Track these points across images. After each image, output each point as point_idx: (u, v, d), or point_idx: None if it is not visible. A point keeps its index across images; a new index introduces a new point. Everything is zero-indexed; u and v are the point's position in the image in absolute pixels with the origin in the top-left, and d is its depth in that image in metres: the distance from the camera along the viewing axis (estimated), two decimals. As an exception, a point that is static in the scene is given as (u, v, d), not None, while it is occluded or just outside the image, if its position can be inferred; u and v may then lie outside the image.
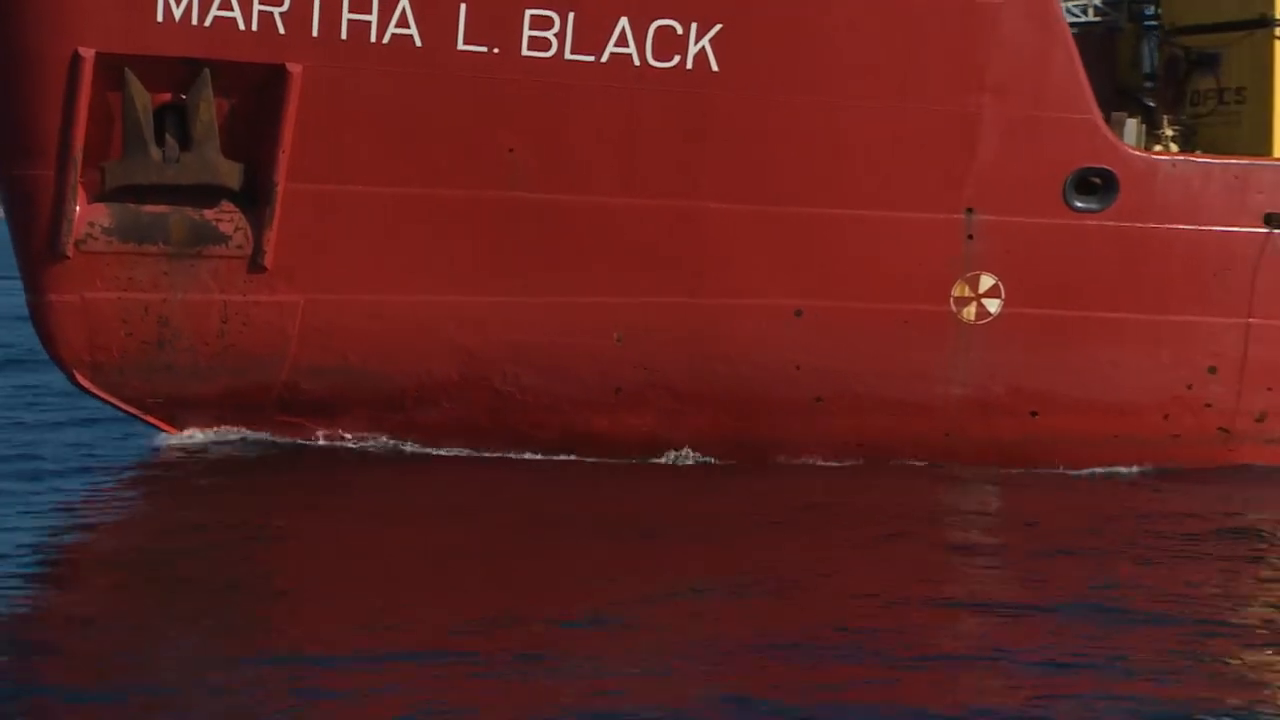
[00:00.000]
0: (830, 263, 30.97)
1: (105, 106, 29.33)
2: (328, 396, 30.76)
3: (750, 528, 27.50)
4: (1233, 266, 31.84)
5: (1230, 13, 32.89)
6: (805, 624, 21.63)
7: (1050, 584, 23.81)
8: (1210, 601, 22.92)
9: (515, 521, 27.72)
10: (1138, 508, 30.40)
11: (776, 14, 30.13)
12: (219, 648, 18.75)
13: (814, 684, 18.06)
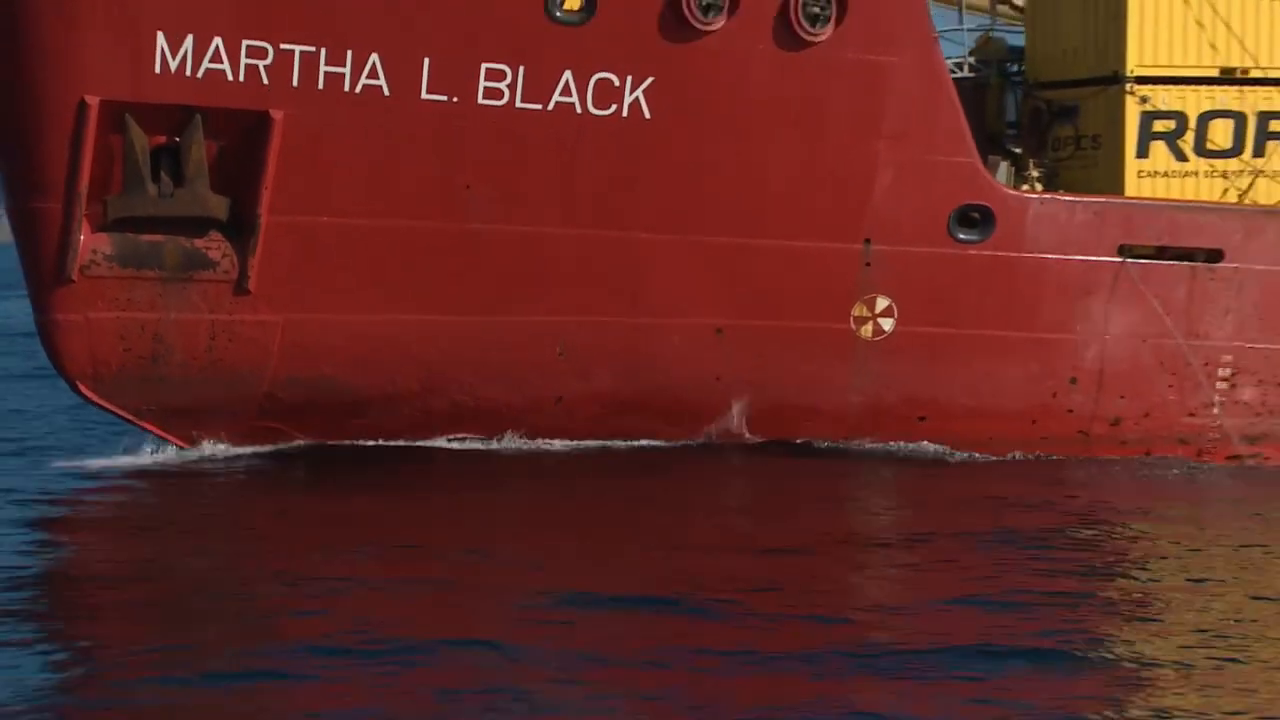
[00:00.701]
0: (747, 286, 31.38)
1: (107, 147, 29.48)
2: (303, 405, 30.92)
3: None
4: (1092, 290, 32.40)
5: (1086, 70, 33.53)
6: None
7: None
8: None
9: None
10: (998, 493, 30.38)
11: (702, 69, 30.53)
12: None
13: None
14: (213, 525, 26.86)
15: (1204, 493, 32.16)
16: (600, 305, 31.24)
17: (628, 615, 19.93)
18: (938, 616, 20.29)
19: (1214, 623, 20.12)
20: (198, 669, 16.89)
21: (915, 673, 17.19)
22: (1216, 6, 32.82)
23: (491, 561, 23.74)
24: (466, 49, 30.17)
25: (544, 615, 19.62)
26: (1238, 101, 33.27)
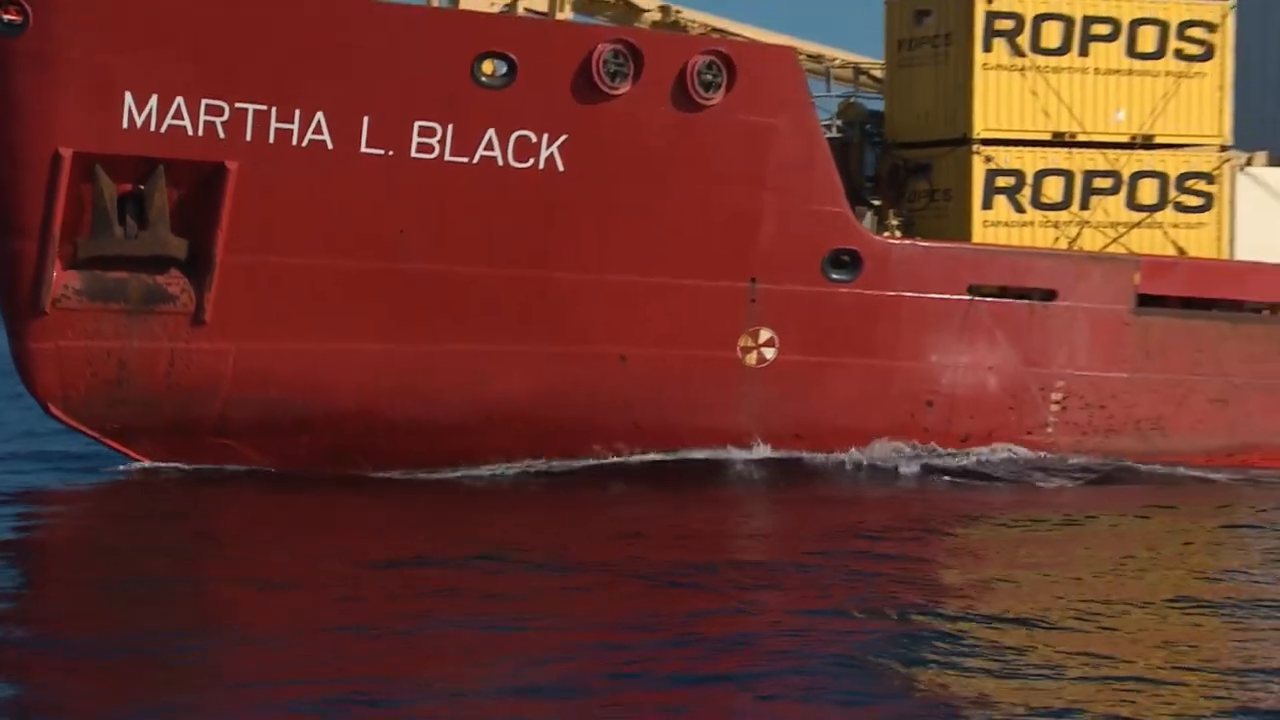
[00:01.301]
0: (647, 319, 31.60)
1: (78, 194, 29.57)
2: (253, 424, 30.82)
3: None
4: (946, 324, 32.96)
5: (939, 132, 34.33)
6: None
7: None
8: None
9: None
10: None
11: (609, 128, 30.86)
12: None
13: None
14: (167, 527, 26.94)
15: (1035, 499, 31.97)
16: (520, 336, 31.31)
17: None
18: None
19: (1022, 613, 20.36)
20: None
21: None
22: (1048, 79, 33.66)
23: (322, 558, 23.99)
24: (401, 108, 30.35)
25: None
26: (1067, 161, 34.13)
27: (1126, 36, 34.44)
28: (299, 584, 22.46)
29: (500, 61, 30.80)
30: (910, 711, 16.08)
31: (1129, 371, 34.10)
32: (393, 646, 18.46)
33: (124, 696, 16.02)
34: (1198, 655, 18.67)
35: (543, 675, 17.05)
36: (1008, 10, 33.68)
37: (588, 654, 18.35)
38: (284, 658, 17.75)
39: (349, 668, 17.28)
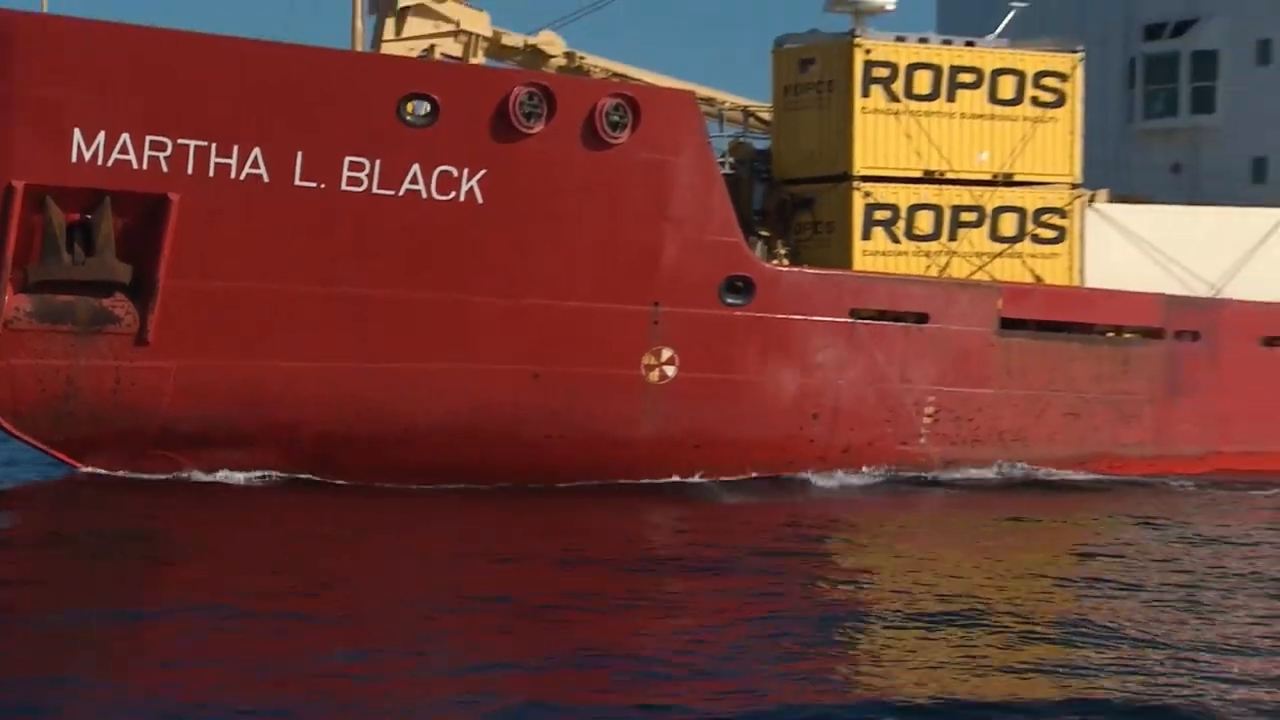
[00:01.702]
0: (559, 340, 31.74)
1: (30, 223, 29.51)
2: (192, 436, 30.82)
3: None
4: (830, 345, 33.47)
5: (822, 170, 34.72)
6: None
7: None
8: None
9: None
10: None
11: (525, 164, 31.08)
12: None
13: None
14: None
15: (909, 504, 32.64)
16: (441, 355, 31.40)
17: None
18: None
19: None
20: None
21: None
22: (920, 122, 34.32)
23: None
24: (332, 145, 30.39)
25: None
26: (937, 197, 34.68)
27: (989, 85, 35.11)
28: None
29: (424, 102, 30.98)
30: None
31: (993, 388, 34.72)
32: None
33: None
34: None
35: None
36: (884, 60, 34.22)
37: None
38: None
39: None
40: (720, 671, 16.94)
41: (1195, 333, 36.44)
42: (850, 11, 34.70)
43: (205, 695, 15.28)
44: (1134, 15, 42.98)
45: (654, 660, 17.46)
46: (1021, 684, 16.61)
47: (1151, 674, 16.96)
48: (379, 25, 33.54)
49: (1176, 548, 26.96)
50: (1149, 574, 23.89)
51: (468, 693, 15.77)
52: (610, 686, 16.38)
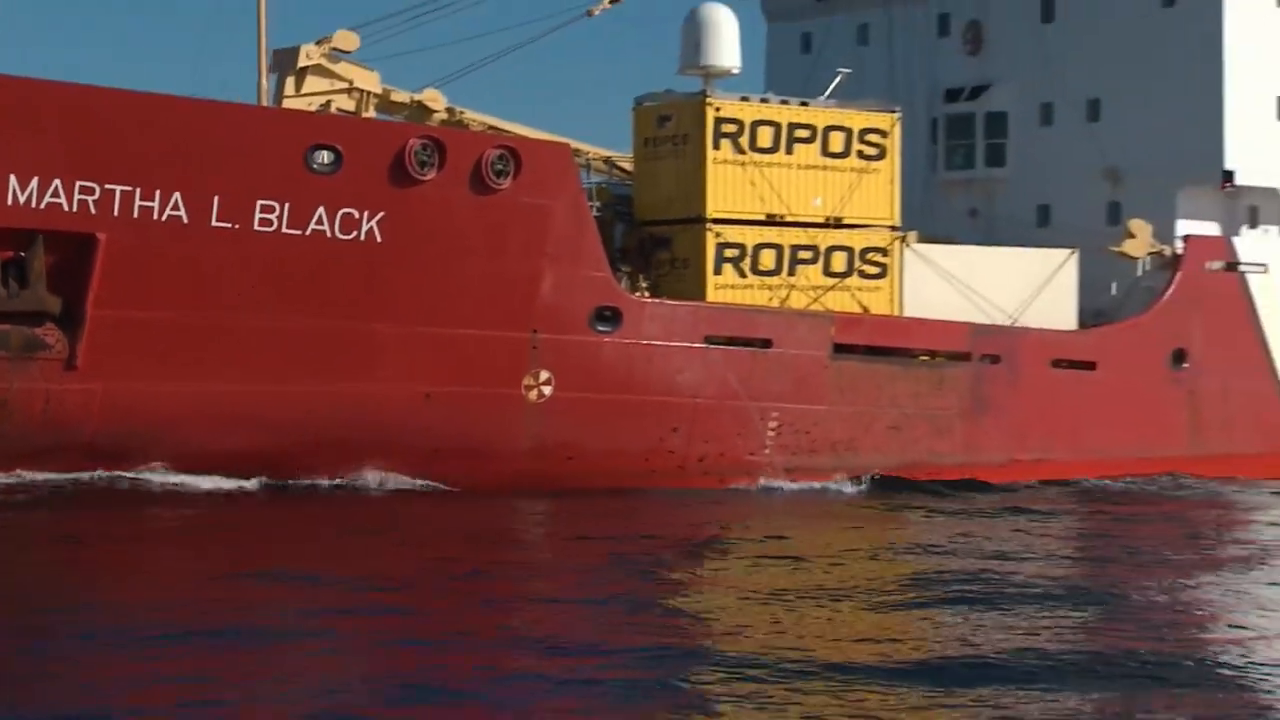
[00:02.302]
0: (448, 362, 32.07)
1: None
2: (115, 452, 30.77)
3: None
4: (688, 367, 33.89)
5: (678, 213, 35.58)
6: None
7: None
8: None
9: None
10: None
11: (419, 207, 31.50)
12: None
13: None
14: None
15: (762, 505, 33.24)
16: (341, 375, 31.65)
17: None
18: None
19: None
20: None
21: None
22: (763, 172, 35.22)
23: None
24: (246, 189, 30.55)
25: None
26: (778, 237, 35.56)
27: (821, 139, 36.05)
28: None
29: (329, 152, 31.18)
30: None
31: (827, 404, 35.45)
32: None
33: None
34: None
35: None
36: (731, 117, 35.08)
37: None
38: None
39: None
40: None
41: (996, 356, 37.42)
42: (701, 74, 35.64)
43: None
44: (936, 80, 44.24)
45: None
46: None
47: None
48: (280, 83, 33.96)
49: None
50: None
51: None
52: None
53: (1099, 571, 25.64)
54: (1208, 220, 42.19)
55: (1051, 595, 22.12)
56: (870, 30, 45.84)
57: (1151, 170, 41.66)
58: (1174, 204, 41.73)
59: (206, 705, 14.91)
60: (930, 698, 15.77)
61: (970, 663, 17.23)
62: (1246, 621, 20.88)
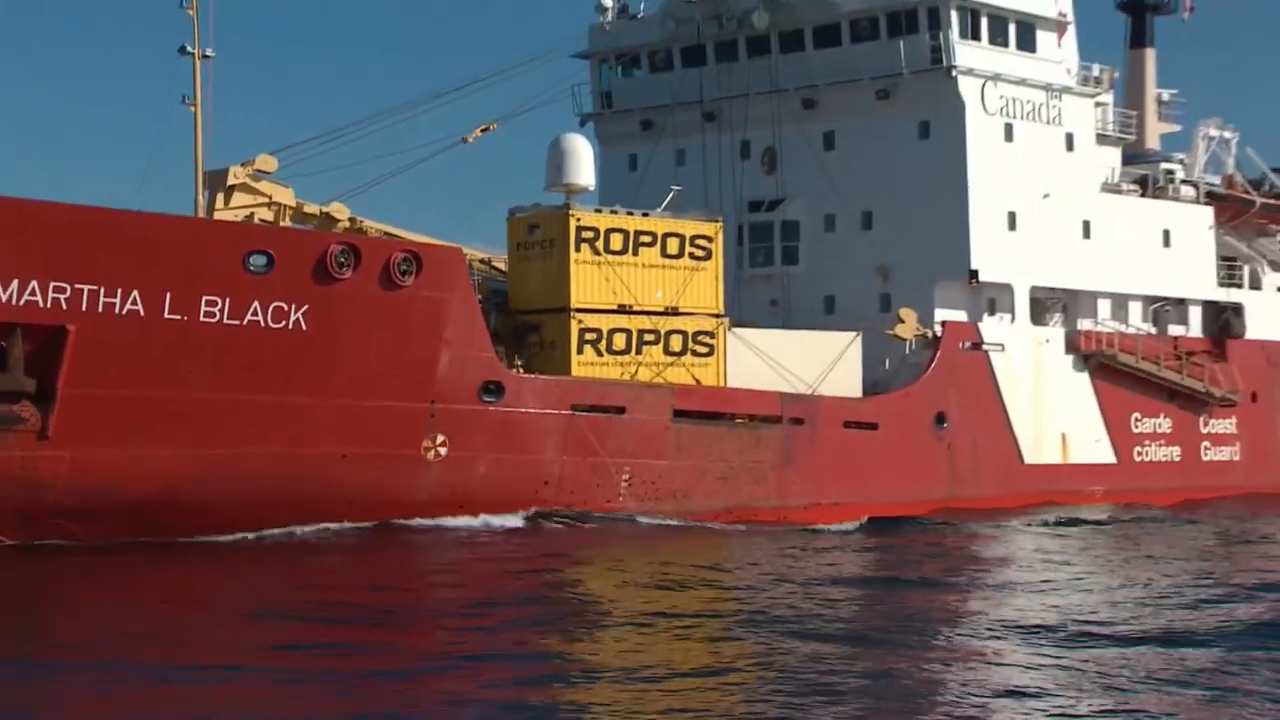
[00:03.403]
0: (362, 429, 32.87)
1: None
2: (80, 509, 31.12)
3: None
4: (558, 431, 35.07)
5: (546, 304, 36.64)
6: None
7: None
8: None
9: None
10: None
11: (338, 300, 32.45)
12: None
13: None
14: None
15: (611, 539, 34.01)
16: (274, 441, 32.36)
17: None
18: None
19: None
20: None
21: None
22: (615, 270, 36.65)
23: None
24: (193, 287, 31.37)
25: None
26: (628, 323, 36.99)
27: (661, 243, 37.56)
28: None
29: (263, 255, 32.04)
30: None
31: (669, 459, 36.81)
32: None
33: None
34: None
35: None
36: (589, 225, 36.46)
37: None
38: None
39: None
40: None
41: (801, 419, 39.06)
42: (563, 190, 37.05)
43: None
44: (741, 195, 45.76)
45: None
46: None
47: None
48: (212, 198, 34.56)
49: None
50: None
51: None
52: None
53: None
54: (958, 309, 44.18)
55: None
56: (687, 154, 46.96)
57: (914, 268, 43.57)
58: (932, 296, 43.58)
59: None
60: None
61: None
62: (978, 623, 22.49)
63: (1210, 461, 50.18)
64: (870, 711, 16.16)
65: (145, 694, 16.99)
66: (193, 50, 34.05)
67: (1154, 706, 16.48)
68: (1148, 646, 20.16)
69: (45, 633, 22.00)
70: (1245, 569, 31.10)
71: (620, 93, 48.72)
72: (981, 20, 44.34)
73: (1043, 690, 17.25)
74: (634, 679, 17.48)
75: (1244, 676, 18.07)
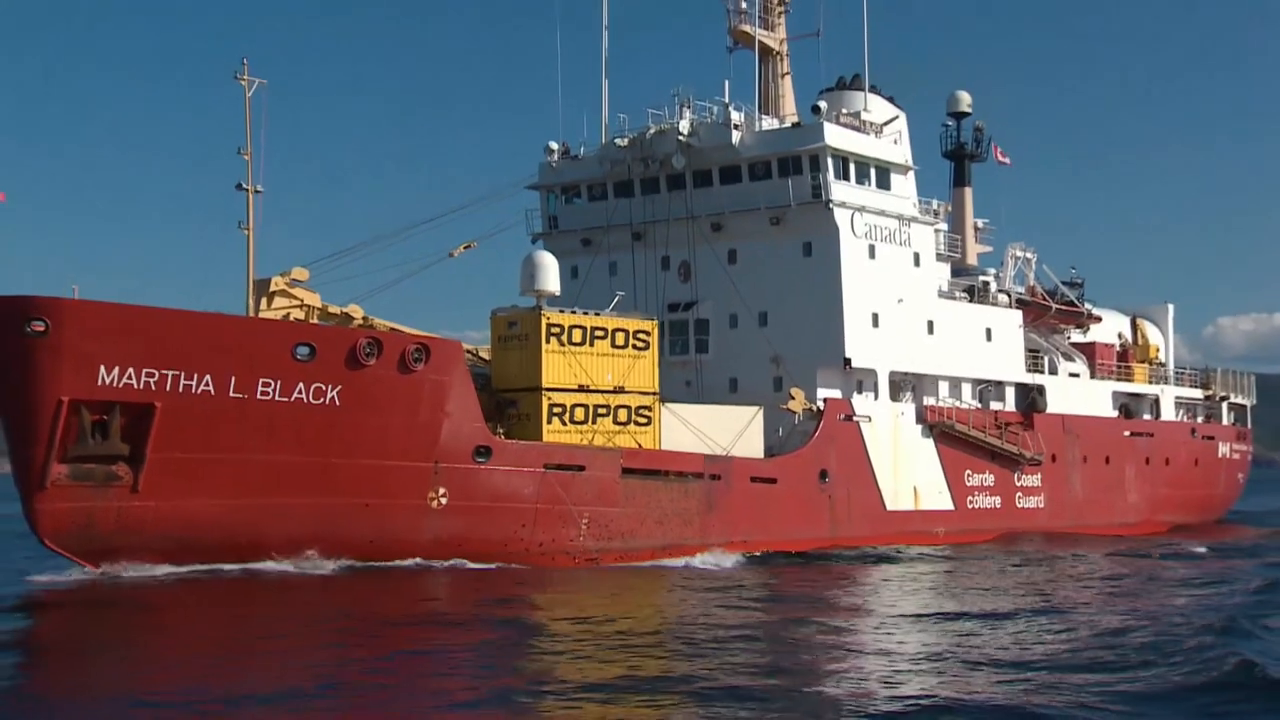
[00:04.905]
0: (380, 483, 34.06)
1: (70, 421, 31.18)
2: (169, 548, 32.29)
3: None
4: (533, 485, 35.84)
5: (523, 384, 37.67)
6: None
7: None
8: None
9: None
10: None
11: (364, 383, 33.76)
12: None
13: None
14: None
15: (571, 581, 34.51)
16: (313, 492, 33.59)
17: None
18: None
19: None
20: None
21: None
22: (576, 358, 37.79)
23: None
24: (252, 371, 32.81)
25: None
26: (585, 399, 38.19)
27: (611, 337, 38.72)
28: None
29: (307, 346, 33.49)
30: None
31: (619, 507, 38.05)
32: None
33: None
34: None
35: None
36: (557, 323, 37.75)
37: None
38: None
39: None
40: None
41: (718, 475, 40.41)
42: (535, 295, 38.40)
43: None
44: (664, 298, 47.21)
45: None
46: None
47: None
48: (258, 302, 35.82)
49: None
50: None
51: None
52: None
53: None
54: (835, 388, 45.81)
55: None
56: (619, 266, 48.36)
57: (800, 357, 45.25)
58: (815, 378, 45.23)
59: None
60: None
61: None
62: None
63: (1022, 508, 52.23)
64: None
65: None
66: (247, 187, 35.40)
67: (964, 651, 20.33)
68: (972, 621, 24.61)
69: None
70: (1038, 579, 34.81)
71: (564, 216, 50.10)
72: (850, 165, 46.59)
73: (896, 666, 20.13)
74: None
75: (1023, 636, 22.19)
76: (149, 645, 23.20)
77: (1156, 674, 19.19)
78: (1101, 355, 58.33)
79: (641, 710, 16.73)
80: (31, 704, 17.38)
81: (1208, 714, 16.54)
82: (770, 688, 18.14)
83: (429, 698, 17.91)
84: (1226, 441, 64.49)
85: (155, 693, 18.14)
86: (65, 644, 22.60)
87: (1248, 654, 19.78)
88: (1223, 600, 29.63)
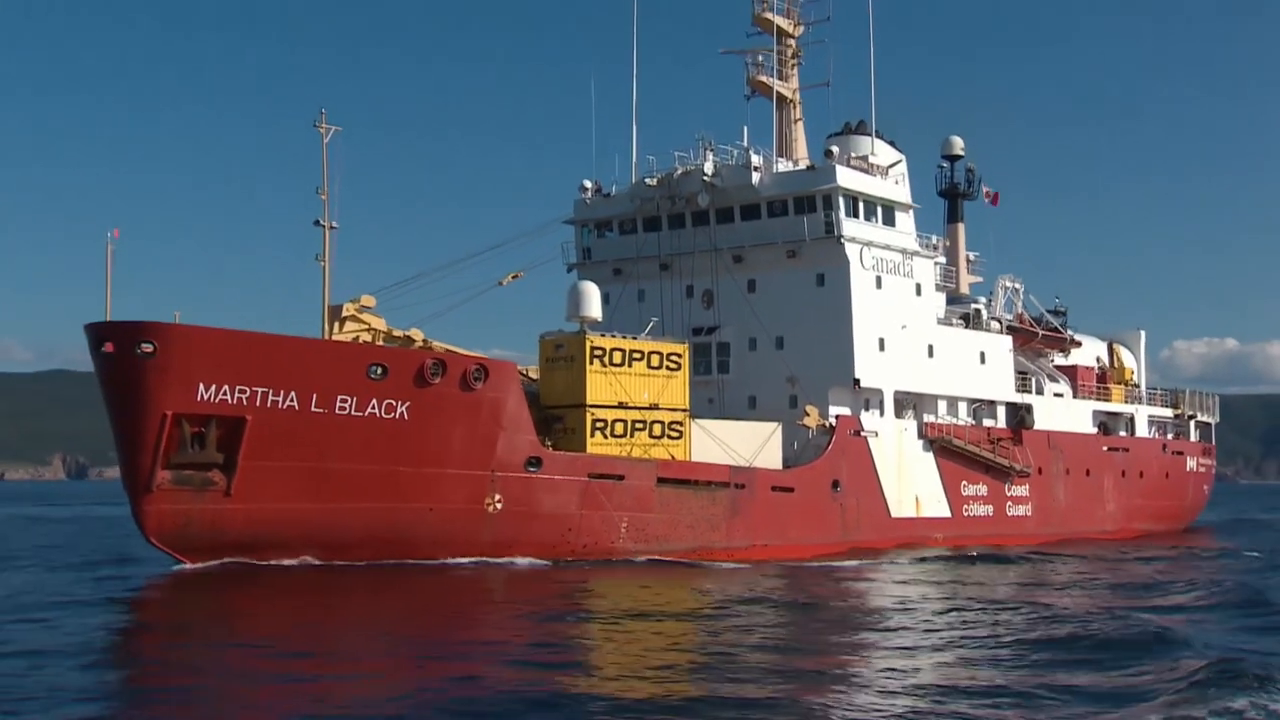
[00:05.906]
0: (443, 489, 34.38)
1: (173, 432, 32.17)
2: (253, 542, 33.23)
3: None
4: (580, 492, 36.50)
5: (569, 401, 38.23)
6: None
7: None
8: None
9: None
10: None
11: (430, 398, 34.33)
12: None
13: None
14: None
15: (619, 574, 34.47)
16: (384, 498, 34.34)
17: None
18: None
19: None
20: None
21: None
22: (617, 378, 38.35)
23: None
24: (330, 389, 33.70)
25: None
26: (625, 415, 38.73)
27: (647, 358, 39.40)
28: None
29: (380, 367, 34.27)
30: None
31: (655, 513, 38.61)
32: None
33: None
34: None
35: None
36: (599, 346, 38.35)
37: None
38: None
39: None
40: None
41: (742, 484, 40.91)
42: (579, 320, 39.19)
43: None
44: (687, 323, 47.68)
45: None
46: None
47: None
48: (332, 326, 36.74)
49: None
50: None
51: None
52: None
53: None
54: (845, 406, 46.28)
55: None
56: (647, 294, 49.06)
57: (814, 377, 45.80)
58: (827, 397, 45.74)
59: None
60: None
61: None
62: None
63: (1012, 516, 52.83)
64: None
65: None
66: (324, 224, 36.40)
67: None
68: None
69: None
70: (1024, 579, 35.39)
71: (597, 248, 50.85)
72: (860, 204, 47.36)
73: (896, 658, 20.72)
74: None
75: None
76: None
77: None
78: (1082, 377, 59.18)
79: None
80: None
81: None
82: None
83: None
84: (1194, 456, 65.40)
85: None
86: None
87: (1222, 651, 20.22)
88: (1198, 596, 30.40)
